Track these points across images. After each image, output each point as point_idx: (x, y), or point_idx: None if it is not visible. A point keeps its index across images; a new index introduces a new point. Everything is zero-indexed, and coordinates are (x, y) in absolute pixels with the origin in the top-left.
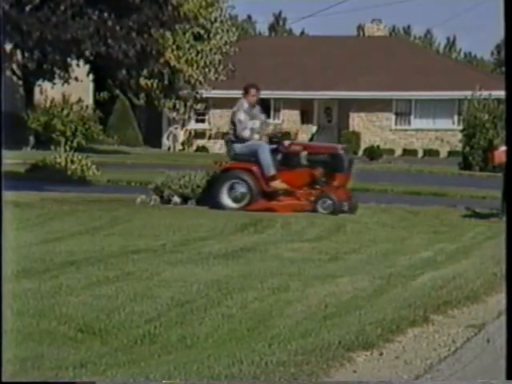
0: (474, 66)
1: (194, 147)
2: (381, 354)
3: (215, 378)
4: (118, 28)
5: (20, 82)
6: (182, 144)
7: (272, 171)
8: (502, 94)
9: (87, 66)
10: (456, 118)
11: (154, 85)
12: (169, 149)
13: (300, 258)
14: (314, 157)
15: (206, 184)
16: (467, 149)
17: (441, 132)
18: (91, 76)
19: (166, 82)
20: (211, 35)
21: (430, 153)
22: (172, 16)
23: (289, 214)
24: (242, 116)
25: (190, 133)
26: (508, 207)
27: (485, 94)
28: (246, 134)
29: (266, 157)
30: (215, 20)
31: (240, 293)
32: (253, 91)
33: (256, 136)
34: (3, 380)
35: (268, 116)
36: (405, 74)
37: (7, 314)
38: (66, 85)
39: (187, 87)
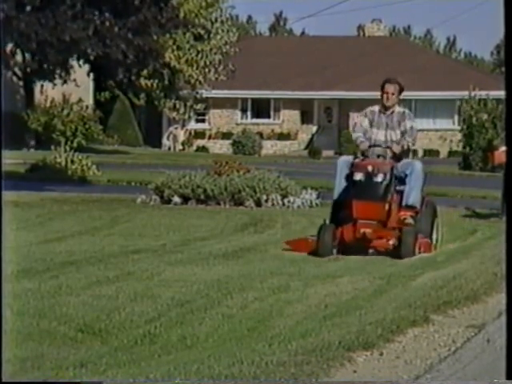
0: (474, 66)
1: (194, 147)
2: (381, 354)
3: (215, 377)
4: (116, 28)
5: (20, 83)
6: (182, 144)
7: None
8: (501, 93)
9: (87, 67)
10: (456, 117)
11: (154, 85)
12: (169, 149)
13: (300, 257)
14: None
15: None
16: (467, 149)
17: (441, 132)
18: (91, 76)
19: (166, 82)
20: (211, 35)
21: (430, 153)
22: (171, 18)
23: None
24: (360, 119)
25: (190, 133)
26: (508, 207)
27: (480, 93)
28: (358, 142)
29: (336, 178)
30: (215, 20)
31: (240, 293)
32: (388, 87)
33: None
34: (3, 380)
35: (268, 116)
36: (405, 74)
37: (7, 314)
38: (66, 85)
39: (187, 87)
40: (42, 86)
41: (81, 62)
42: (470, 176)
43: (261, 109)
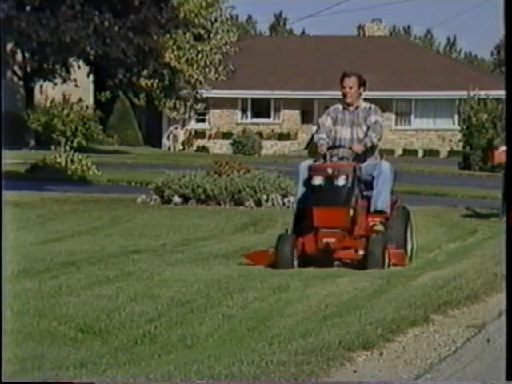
0: (475, 65)
1: (194, 147)
2: (381, 354)
3: (215, 377)
4: (116, 28)
5: (20, 82)
6: (182, 144)
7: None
8: (501, 93)
9: (88, 68)
10: (456, 117)
11: (155, 85)
12: (169, 149)
13: None
14: None
15: None
16: (467, 149)
17: (441, 132)
18: (91, 77)
19: (166, 82)
20: (211, 35)
21: (430, 153)
22: (171, 18)
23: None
24: (322, 119)
25: (190, 133)
26: (508, 207)
27: (480, 93)
28: (318, 145)
29: (298, 184)
30: (215, 20)
31: (240, 293)
32: (346, 81)
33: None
34: (3, 380)
35: (268, 116)
36: (405, 74)
37: (7, 314)
38: (66, 85)
39: (187, 87)
40: (42, 85)
41: (80, 62)
42: (470, 176)
43: (261, 109)
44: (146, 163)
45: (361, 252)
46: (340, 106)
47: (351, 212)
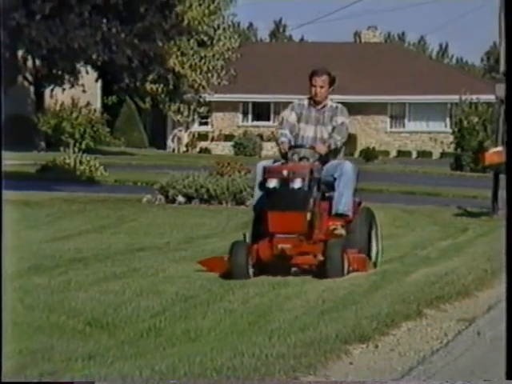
0: (465, 71)
1: (198, 149)
2: (376, 347)
3: (218, 369)
4: (122, 35)
5: (31, 87)
6: (186, 146)
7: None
8: (491, 97)
9: (96, 74)
10: (448, 120)
11: (160, 89)
12: (173, 150)
13: None
14: None
15: None
16: (458, 150)
17: (434, 134)
18: (99, 82)
19: (170, 86)
20: (214, 42)
21: (423, 154)
22: (175, 25)
23: None
24: (286, 113)
25: (194, 135)
26: (508, 204)
27: (471, 97)
28: (279, 142)
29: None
30: (218, 27)
31: (241, 288)
32: (317, 80)
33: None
34: (3, 380)
35: (268, 119)
36: (399, 79)
37: (18, 308)
38: (75, 89)
39: (191, 91)
40: (53, 90)
41: (88, 68)
42: (461, 176)
43: (261, 112)
44: (151, 164)
45: (320, 257)
46: (306, 102)
47: (308, 216)
